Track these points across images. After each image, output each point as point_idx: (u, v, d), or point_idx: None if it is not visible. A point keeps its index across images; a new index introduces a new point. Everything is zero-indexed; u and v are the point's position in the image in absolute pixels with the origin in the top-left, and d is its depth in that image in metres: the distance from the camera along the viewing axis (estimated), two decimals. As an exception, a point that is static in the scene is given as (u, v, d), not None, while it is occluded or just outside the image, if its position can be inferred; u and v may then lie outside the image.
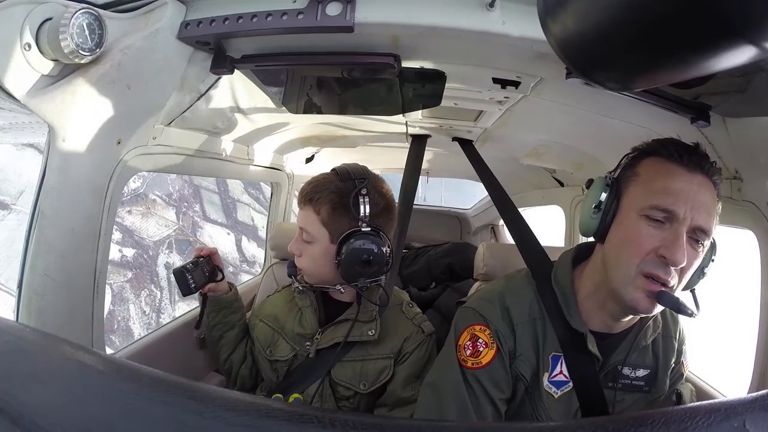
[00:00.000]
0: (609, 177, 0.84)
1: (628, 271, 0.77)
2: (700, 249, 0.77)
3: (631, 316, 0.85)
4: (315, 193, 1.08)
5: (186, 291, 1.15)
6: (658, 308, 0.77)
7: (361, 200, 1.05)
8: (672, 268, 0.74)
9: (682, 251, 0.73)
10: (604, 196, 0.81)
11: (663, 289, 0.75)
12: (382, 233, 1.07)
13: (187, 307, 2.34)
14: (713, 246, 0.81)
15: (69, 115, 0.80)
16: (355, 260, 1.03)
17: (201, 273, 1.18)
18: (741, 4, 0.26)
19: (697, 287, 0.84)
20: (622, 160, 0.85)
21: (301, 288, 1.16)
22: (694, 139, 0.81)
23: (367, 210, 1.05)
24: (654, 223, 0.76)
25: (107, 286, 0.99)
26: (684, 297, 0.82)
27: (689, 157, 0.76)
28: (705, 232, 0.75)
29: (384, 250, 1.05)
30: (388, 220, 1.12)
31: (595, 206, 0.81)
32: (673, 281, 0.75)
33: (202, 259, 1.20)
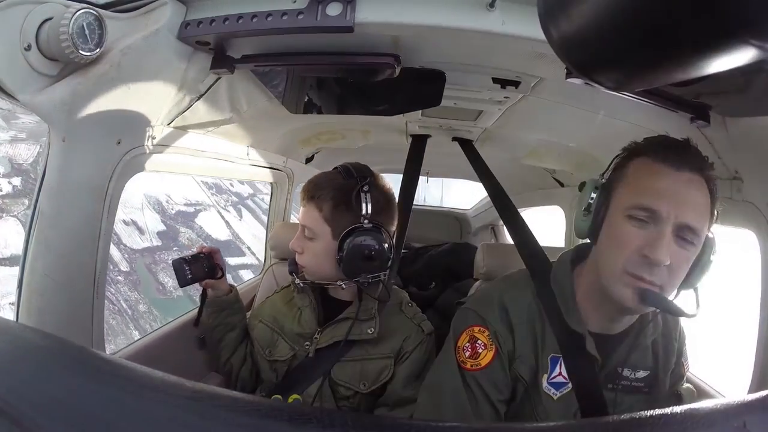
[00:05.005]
0: (600, 179, 0.85)
1: (615, 270, 0.78)
2: (690, 248, 0.75)
3: (628, 317, 0.85)
4: (318, 190, 1.09)
5: (183, 282, 1.15)
6: (649, 308, 0.76)
7: (363, 197, 1.06)
8: (657, 268, 0.74)
9: (664, 250, 0.72)
10: (593, 197, 0.83)
11: (648, 287, 0.75)
12: (383, 230, 1.07)
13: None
14: (710, 243, 0.79)
15: (69, 115, 0.80)
16: (357, 256, 1.04)
17: (200, 267, 1.19)
18: (741, 5, 0.26)
19: (699, 285, 0.81)
20: (612, 160, 0.85)
21: (301, 285, 1.16)
22: (695, 139, 0.81)
23: (369, 207, 1.06)
24: (638, 222, 0.76)
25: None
26: (687, 295, 0.82)
27: (675, 155, 0.76)
28: (692, 230, 0.74)
29: (385, 246, 1.06)
30: (390, 217, 1.13)
31: (585, 208, 0.83)
32: (660, 280, 0.75)
33: (203, 255, 1.21)
